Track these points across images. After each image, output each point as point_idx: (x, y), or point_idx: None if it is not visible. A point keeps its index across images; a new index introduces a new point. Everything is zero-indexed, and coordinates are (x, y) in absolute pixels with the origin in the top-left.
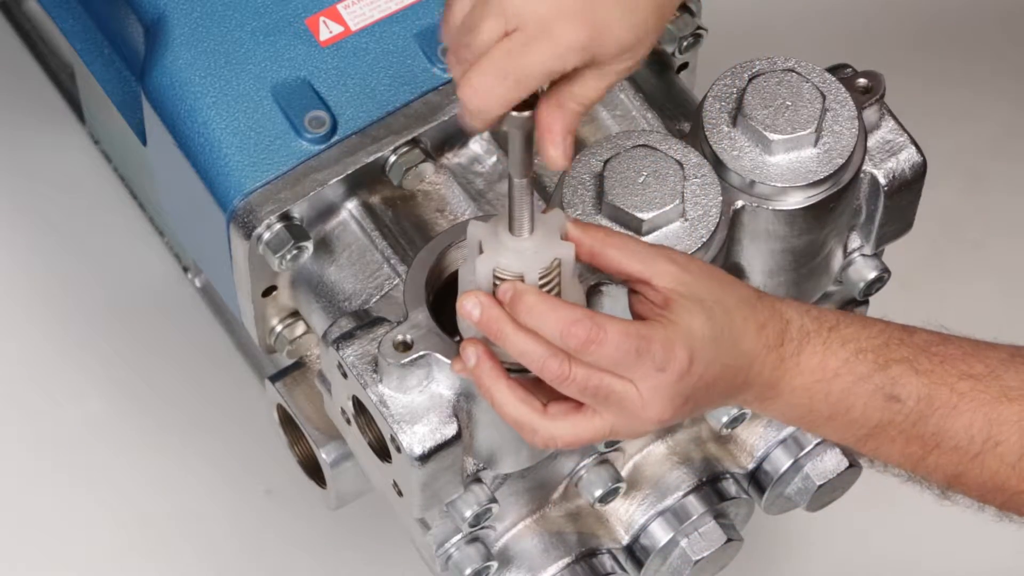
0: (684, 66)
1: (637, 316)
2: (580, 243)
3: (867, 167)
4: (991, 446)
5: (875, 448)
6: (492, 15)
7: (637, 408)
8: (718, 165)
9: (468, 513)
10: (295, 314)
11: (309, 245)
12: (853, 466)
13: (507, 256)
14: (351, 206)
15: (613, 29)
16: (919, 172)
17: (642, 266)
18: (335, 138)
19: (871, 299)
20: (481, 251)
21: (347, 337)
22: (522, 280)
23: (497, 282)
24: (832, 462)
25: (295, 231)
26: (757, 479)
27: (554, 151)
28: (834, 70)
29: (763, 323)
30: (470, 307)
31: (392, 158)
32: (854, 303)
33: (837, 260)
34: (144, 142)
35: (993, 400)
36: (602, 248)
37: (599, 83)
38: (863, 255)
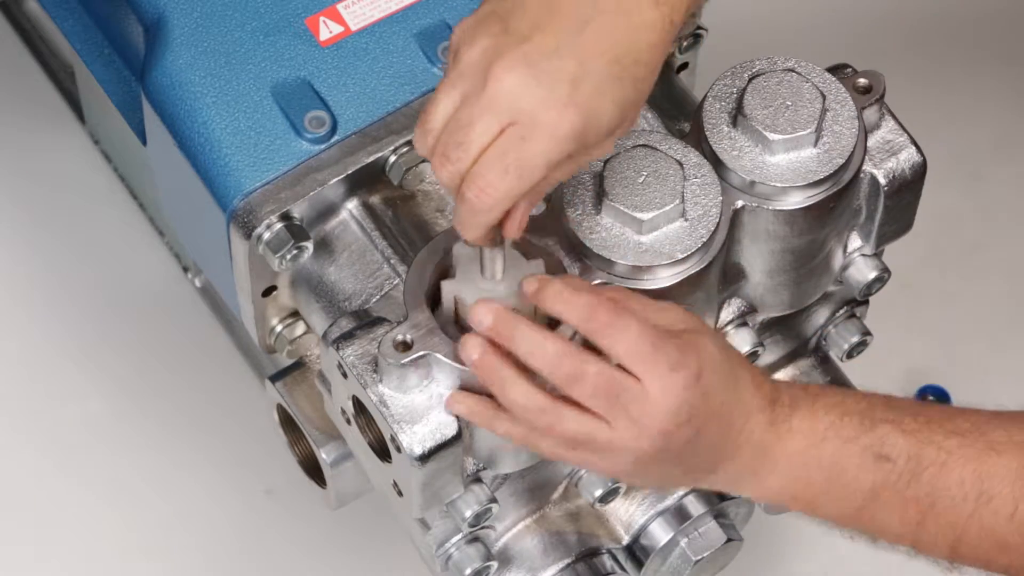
0: (684, 66)
1: None
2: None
3: (867, 167)
4: (985, 501)
5: (873, 518)
6: (487, 111)
7: (644, 410)
8: (718, 165)
9: (468, 513)
10: (295, 314)
11: (309, 245)
12: None
13: (469, 291)
14: (351, 206)
15: (602, 112)
16: (919, 172)
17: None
18: (335, 138)
19: (871, 299)
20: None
21: (347, 337)
22: None
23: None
24: None
25: (295, 231)
26: None
27: (509, 228)
28: (834, 70)
29: (760, 382)
30: (481, 315)
31: (392, 158)
32: (854, 303)
33: (837, 260)
34: (144, 142)
35: (980, 454)
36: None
37: (573, 166)
38: (863, 255)
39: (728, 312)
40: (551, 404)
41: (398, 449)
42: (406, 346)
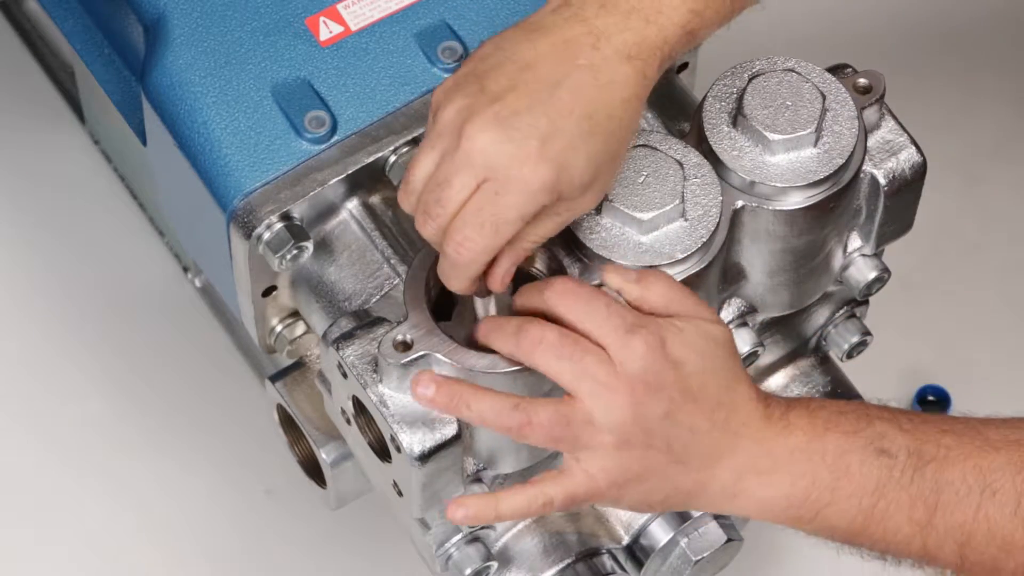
0: (684, 66)
1: None
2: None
3: (867, 167)
4: (989, 495)
5: (882, 520)
6: (462, 169)
7: (610, 372)
8: (718, 165)
9: None
10: (295, 314)
11: (309, 245)
12: None
13: (464, 335)
14: (351, 206)
15: (573, 166)
16: (919, 172)
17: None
18: (335, 138)
19: (871, 299)
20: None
21: (347, 337)
22: None
23: None
24: None
25: (295, 231)
26: None
27: (492, 281)
28: (834, 70)
29: (752, 384)
30: (424, 386)
31: (392, 158)
32: (854, 303)
33: (837, 260)
34: (144, 142)
35: (979, 451)
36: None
37: (554, 223)
38: (863, 255)
39: (728, 312)
40: (519, 399)
41: (398, 449)
42: (406, 346)
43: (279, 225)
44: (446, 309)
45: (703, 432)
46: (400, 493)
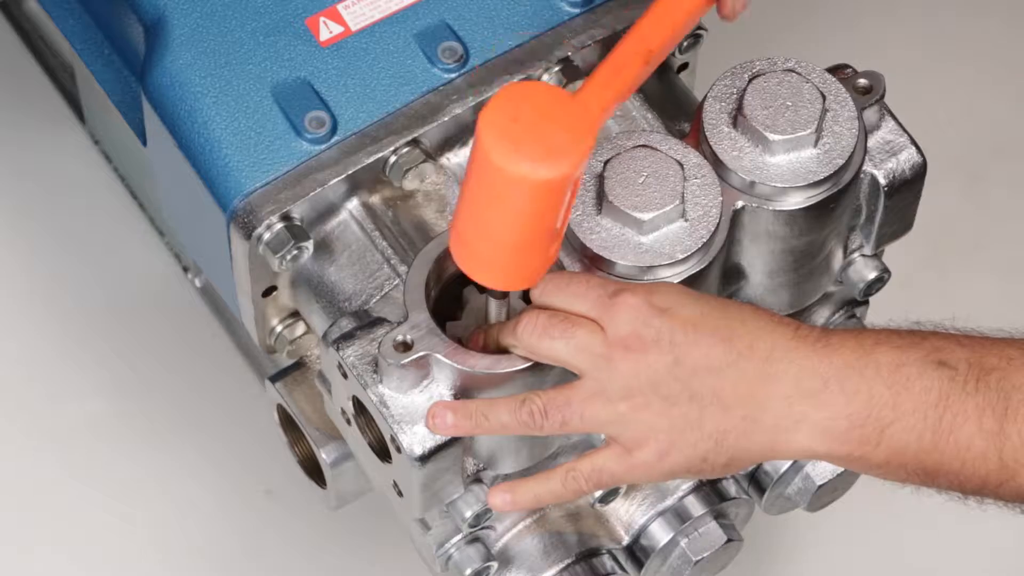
0: (684, 66)
1: None
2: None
3: (867, 167)
4: None
5: (951, 433)
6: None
7: (604, 341)
8: (718, 165)
9: (468, 513)
10: (295, 314)
11: (309, 245)
12: None
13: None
14: (351, 206)
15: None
16: (919, 172)
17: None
18: (335, 138)
19: (871, 299)
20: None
21: (347, 337)
22: None
23: None
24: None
25: (295, 231)
26: (757, 479)
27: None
28: (834, 70)
29: (765, 310)
30: (439, 417)
31: (392, 158)
32: (854, 303)
33: (837, 260)
34: (144, 142)
35: None
36: None
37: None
38: (863, 255)
39: None
40: (523, 395)
41: (398, 449)
42: (406, 346)
43: (279, 225)
44: (446, 309)
45: (727, 366)
46: (400, 493)
